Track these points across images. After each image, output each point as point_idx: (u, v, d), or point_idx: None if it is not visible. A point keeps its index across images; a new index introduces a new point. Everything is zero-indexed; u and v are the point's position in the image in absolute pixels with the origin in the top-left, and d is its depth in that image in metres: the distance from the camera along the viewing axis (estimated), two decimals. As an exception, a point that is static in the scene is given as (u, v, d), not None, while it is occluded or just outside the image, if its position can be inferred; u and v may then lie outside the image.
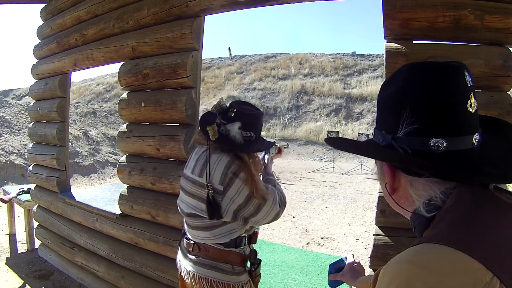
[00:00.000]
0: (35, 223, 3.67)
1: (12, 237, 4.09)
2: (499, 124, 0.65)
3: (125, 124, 2.43)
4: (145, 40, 2.24)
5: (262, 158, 1.64)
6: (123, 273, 2.50)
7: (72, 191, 3.19)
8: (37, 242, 3.67)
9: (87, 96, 22.74)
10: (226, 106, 1.30)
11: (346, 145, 0.71)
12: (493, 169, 0.53)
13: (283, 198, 1.37)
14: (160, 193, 2.22)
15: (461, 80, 0.54)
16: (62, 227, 3.11)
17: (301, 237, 4.51)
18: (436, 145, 0.53)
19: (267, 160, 1.66)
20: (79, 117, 11.18)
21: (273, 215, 1.31)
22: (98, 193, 3.21)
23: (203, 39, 2.14)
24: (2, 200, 3.82)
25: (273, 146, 1.77)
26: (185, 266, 1.34)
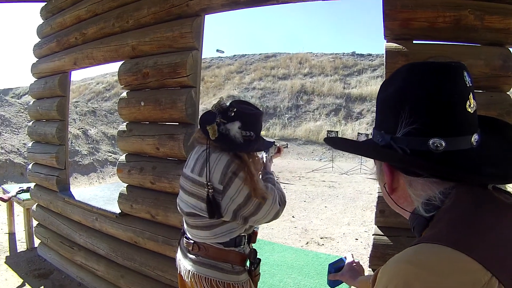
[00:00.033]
0: (35, 222, 3.67)
1: (12, 236, 4.09)
2: (499, 125, 0.65)
3: (125, 123, 2.43)
4: (145, 39, 2.24)
5: (261, 158, 1.64)
6: (123, 272, 2.50)
7: (72, 190, 3.19)
8: (37, 241, 3.67)
9: (87, 95, 22.75)
10: (226, 106, 1.29)
11: (345, 145, 0.71)
12: (493, 169, 0.53)
13: (283, 197, 1.37)
14: (160, 192, 2.22)
15: (460, 81, 0.54)
16: (62, 226, 3.11)
17: (301, 237, 4.51)
18: (435, 145, 0.53)
19: (266, 159, 1.66)
20: (79, 116, 11.17)
21: (273, 214, 1.31)
22: (98, 192, 3.21)
23: (203, 39, 2.15)
24: (2, 199, 3.82)
25: (273, 146, 1.77)
26: (185, 266, 1.34)
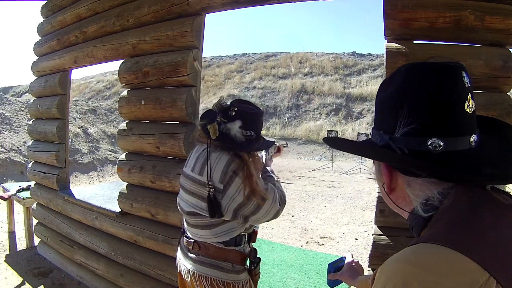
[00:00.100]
0: (35, 221, 3.67)
1: (12, 235, 4.09)
2: (499, 125, 0.65)
3: (125, 122, 2.43)
4: (146, 38, 2.24)
5: (261, 157, 1.64)
6: (122, 271, 2.51)
7: (72, 189, 3.19)
8: (37, 240, 3.67)
9: (87, 94, 22.74)
10: (227, 105, 1.29)
11: (344, 145, 0.71)
12: (493, 170, 0.53)
13: (283, 197, 1.37)
14: (160, 191, 2.22)
15: (459, 81, 0.54)
16: (62, 225, 3.11)
17: (300, 236, 4.52)
18: (434, 146, 0.53)
19: (265, 158, 1.66)
20: (79, 115, 11.17)
21: (273, 214, 1.31)
22: (98, 191, 3.21)
23: (204, 38, 2.15)
24: (2, 198, 3.82)
25: (273, 145, 1.77)
26: (185, 265, 1.34)
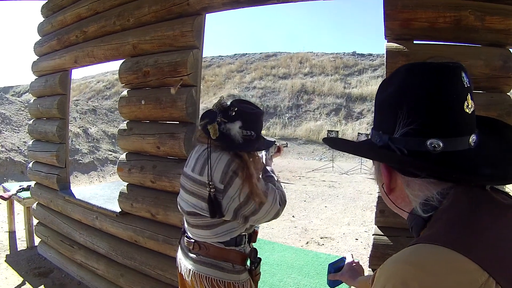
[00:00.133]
0: (35, 221, 3.67)
1: (12, 235, 4.09)
2: (499, 126, 0.65)
3: (125, 122, 2.43)
4: (146, 38, 2.24)
5: (261, 157, 1.64)
6: (123, 271, 2.51)
7: (72, 189, 3.19)
8: (37, 240, 3.67)
9: (87, 94, 22.74)
10: (227, 105, 1.29)
11: (344, 145, 0.71)
12: (492, 170, 0.53)
13: (283, 197, 1.37)
14: (160, 191, 2.22)
15: (458, 81, 0.54)
16: (62, 225, 3.11)
17: (301, 237, 4.52)
18: (433, 146, 0.53)
19: (266, 158, 1.66)
20: (79, 115, 11.17)
21: (273, 214, 1.31)
22: (98, 191, 3.21)
23: (204, 37, 2.15)
24: (2, 197, 3.82)
25: (273, 145, 1.77)
26: (186, 265, 1.34)
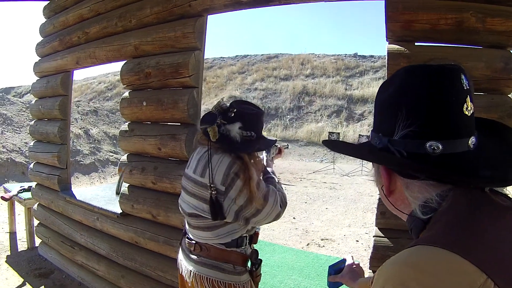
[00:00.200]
0: (36, 221, 3.67)
1: (13, 235, 4.09)
2: (498, 127, 0.65)
3: (127, 123, 2.44)
4: (148, 39, 2.24)
5: (262, 158, 1.64)
6: (123, 272, 2.51)
7: (73, 190, 3.19)
8: (38, 241, 3.67)
9: (89, 95, 22.81)
10: (227, 106, 1.30)
11: (343, 148, 0.71)
12: (492, 172, 0.53)
13: (284, 199, 1.37)
14: (161, 193, 2.22)
15: (458, 83, 0.54)
16: (63, 226, 3.12)
17: (301, 238, 4.51)
18: (432, 148, 0.53)
19: (266, 159, 1.66)
20: (81, 116, 11.19)
21: (274, 216, 1.31)
22: (99, 192, 3.21)
23: (206, 39, 2.15)
24: (3, 198, 3.83)
25: (274, 147, 1.77)
26: (187, 266, 1.34)
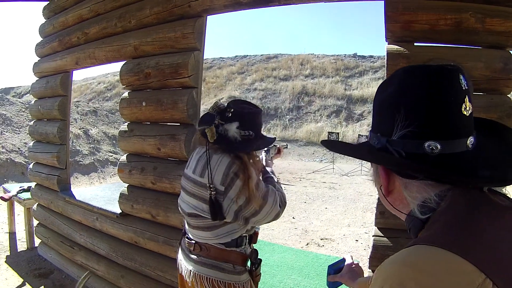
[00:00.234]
0: (35, 222, 3.67)
1: (12, 236, 4.09)
2: (498, 127, 0.65)
3: (126, 123, 2.44)
4: (147, 40, 2.24)
5: (261, 158, 1.64)
6: (123, 272, 2.51)
7: (72, 190, 3.19)
8: (37, 241, 3.67)
9: (88, 95, 22.78)
10: (224, 106, 1.30)
11: (342, 148, 0.71)
12: (491, 172, 0.53)
13: (283, 198, 1.38)
14: (161, 193, 2.22)
15: (456, 83, 0.54)
16: (62, 226, 3.12)
17: (301, 238, 4.51)
18: (431, 148, 0.53)
19: (266, 159, 1.67)
20: (80, 116, 11.19)
21: (274, 215, 1.31)
22: (98, 192, 3.21)
23: (205, 39, 2.15)
24: (2, 198, 3.83)
25: (273, 147, 1.77)
26: (186, 266, 1.34)
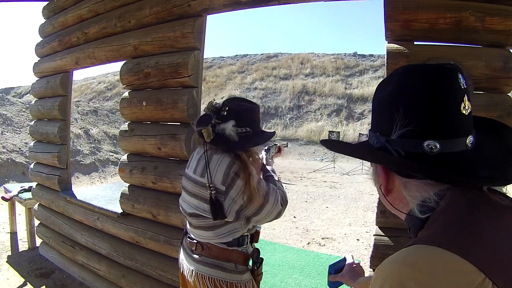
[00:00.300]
0: (36, 222, 3.68)
1: (13, 235, 4.10)
2: (498, 126, 0.65)
3: (127, 123, 2.44)
4: (147, 39, 2.24)
5: (261, 157, 1.64)
6: (124, 272, 2.51)
7: (73, 190, 3.19)
8: (38, 241, 3.68)
9: (89, 95, 22.80)
10: (220, 105, 1.30)
11: (341, 147, 0.71)
12: (491, 171, 0.53)
13: (285, 197, 1.38)
14: (161, 192, 2.22)
15: (455, 82, 0.54)
16: (63, 226, 3.12)
17: (302, 237, 4.51)
18: (430, 147, 0.53)
19: (266, 158, 1.66)
20: (81, 116, 11.19)
21: (275, 214, 1.31)
22: (99, 192, 3.22)
23: (205, 39, 2.15)
24: (4, 198, 3.83)
25: (273, 146, 1.77)
26: (188, 265, 1.35)
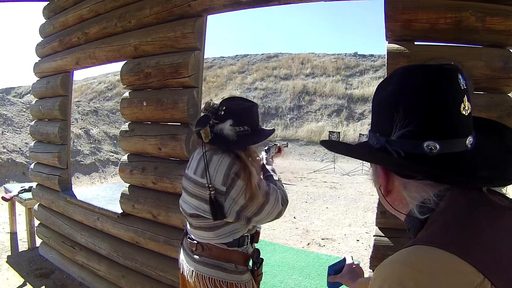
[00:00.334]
0: (36, 222, 3.68)
1: (13, 236, 4.10)
2: (498, 127, 0.65)
3: (127, 123, 2.44)
4: (147, 39, 2.24)
5: (261, 157, 1.64)
6: (124, 272, 2.51)
7: (74, 190, 3.19)
8: (38, 241, 3.68)
9: (89, 95, 22.81)
10: (217, 106, 1.30)
11: (341, 148, 0.71)
12: (490, 172, 0.53)
13: (285, 197, 1.37)
14: (162, 193, 2.22)
15: (455, 83, 0.54)
16: (63, 226, 3.12)
17: (302, 238, 4.51)
18: (430, 148, 0.53)
19: (266, 158, 1.66)
20: (81, 116, 11.20)
21: (276, 214, 1.31)
22: (99, 192, 3.22)
23: (205, 39, 2.15)
24: (4, 198, 3.84)
25: (273, 146, 1.77)
26: (188, 266, 1.35)
